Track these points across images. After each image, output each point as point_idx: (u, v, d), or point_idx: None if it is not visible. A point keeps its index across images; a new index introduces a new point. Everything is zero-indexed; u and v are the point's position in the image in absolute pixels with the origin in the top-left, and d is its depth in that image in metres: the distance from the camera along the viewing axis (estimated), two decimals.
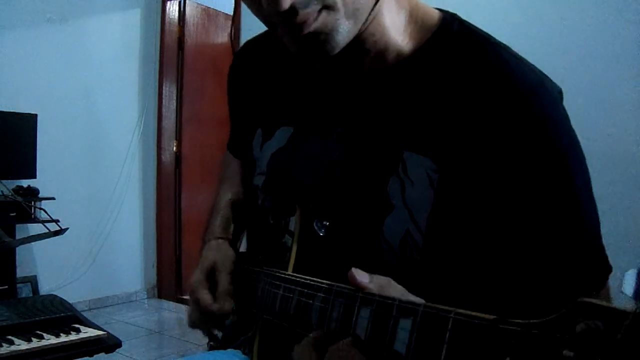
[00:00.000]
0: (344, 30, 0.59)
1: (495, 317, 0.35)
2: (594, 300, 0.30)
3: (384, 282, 0.51)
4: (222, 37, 4.45)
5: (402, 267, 0.64)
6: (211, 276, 0.79)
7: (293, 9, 0.55)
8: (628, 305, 0.28)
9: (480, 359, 0.35)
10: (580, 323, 0.29)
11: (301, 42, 0.59)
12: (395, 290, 0.51)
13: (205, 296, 0.76)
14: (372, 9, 0.61)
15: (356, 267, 0.52)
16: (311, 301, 0.55)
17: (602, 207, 0.62)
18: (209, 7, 4.38)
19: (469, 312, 0.38)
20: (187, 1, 4.24)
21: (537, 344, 0.32)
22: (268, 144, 0.79)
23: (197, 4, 4.32)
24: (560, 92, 0.64)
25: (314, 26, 0.57)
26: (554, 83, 0.64)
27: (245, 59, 0.88)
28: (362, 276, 0.49)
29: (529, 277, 0.59)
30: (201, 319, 0.78)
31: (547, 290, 0.57)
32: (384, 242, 0.64)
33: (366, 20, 0.61)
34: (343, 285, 0.51)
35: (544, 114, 0.60)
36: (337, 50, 0.60)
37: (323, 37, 0.58)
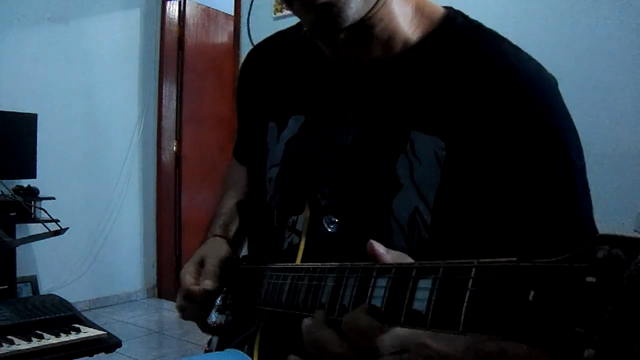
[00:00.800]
0: (354, 8, 0.64)
1: (516, 258, 0.37)
2: (612, 233, 0.32)
3: (398, 256, 0.52)
4: (222, 37, 4.45)
5: (411, 245, 0.66)
6: (201, 265, 0.80)
7: None
8: None
9: (504, 298, 0.36)
10: (602, 250, 0.31)
11: (315, 12, 0.64)
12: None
13: (188, 277, 0.79)
14: None
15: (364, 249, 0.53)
16: (323, 283, 0.55)
17: (603, 207, 0.63)
18: (209, 7, 4.38)
19: (491, 259, 0.39)
20: (187, 1, 4.24)
21: (560, 274, 0.33)
22: (283, 134, 0.80)
23: (197, 3, 4.32)
24: (555, 81, 0.67)
25: (322, 0, 0.62)
26: (549, 73, 0.68)
27: (252, 64, 0.90)
28: (379, 246, 0.51)
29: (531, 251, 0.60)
30: (185, 301, 0.79)
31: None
32: (393, 221, 0.66)
33: (376, 3, 0.66)
34: (357, 263, 0.51)
35: (542, 98, 0.64)
36: (347, 24, 0.65)
37: (335, 9, 0.63)
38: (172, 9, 4.22)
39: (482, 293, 0.38)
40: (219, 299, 0.81)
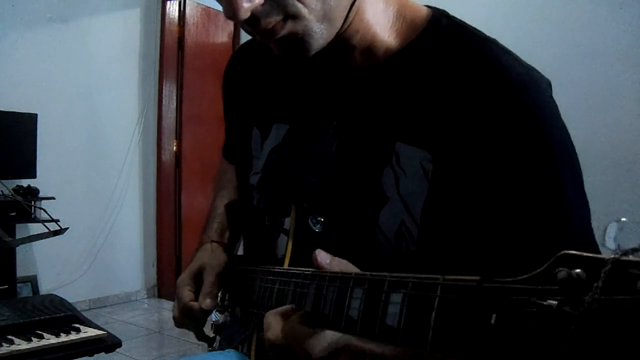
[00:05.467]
0: (318, 34, 0.60)
1: (479, 277, 0.36)
2: (573, 252, 0.30)
3: (342, 264, 0.54)
4: (222, 37, 4.45)
5: (398, 259, 0.65)
6: (198, 277, 0.80)
7: (255, 17, 0.56)
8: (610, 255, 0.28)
9: (467, 320, 0.35)
10: (562, 271, 0.30)
11: (276, 46, 0.61)
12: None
13: (187, 293, 0.78)
14: (351, 7, 0.62)
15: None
16: (306, 290, 0.55)
17: (605, 207, 0.62)
18: (209, 7, 4.37)
19: (456, 277, 0.38)
20: (187, 1, 4.23)
21: (521, 297, 0.32)
22: (267, 142, 0.79)
23: (197, 3, 4.32)
24: (549, 84, 0.64)
25: (282, 33, 0.58)
26: (542, 75, 0.64)
27: (238, 62, 0.89)
28: (324, 257, 0.54)
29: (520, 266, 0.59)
30: (182, 316, 0.79)
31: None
32: (380, 234, 0.65)
33: (345, 18, 0.62)
34: (337, 271, 0.52)
35: (533, 105, 0.60)
36: (314, 51, 0.61)
37: (297, 41, 0.59)
38: (172, 9, 4.22)
39: (448, 313, 0.37)
40: (217, 299, 0.81)
